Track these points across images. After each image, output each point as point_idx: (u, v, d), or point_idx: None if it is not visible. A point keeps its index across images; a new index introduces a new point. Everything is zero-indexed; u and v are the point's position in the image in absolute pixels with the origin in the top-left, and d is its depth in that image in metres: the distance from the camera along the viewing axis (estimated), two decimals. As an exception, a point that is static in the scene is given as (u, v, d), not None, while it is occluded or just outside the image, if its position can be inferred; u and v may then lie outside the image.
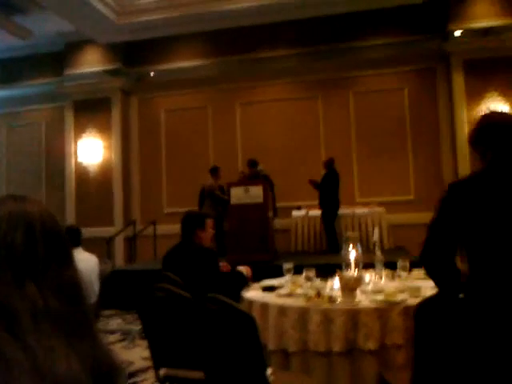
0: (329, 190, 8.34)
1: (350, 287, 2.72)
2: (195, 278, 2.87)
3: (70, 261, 0.89)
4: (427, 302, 2.16)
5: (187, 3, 8.27)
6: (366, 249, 6.30)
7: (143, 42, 9.65)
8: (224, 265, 3.49)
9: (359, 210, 9.02)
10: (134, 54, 10.11)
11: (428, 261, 1.87)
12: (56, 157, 10.61)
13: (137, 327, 5.80)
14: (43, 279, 0.81)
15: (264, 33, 9.36)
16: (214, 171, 8.80)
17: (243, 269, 3.43)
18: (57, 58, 10.26)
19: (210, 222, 3.37)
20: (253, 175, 8.26)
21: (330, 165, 8.55)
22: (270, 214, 7.61)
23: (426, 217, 7.88)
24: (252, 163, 8.46)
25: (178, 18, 8.46)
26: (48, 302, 0.79)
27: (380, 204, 9.10)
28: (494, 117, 2.00)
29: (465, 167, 8.80)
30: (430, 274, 1.91)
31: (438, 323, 1.93)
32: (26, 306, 0.76)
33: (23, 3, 8.62)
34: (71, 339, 0.78)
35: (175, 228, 9.90)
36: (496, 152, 1.84)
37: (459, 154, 8.89)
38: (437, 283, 1.91)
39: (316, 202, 9.34)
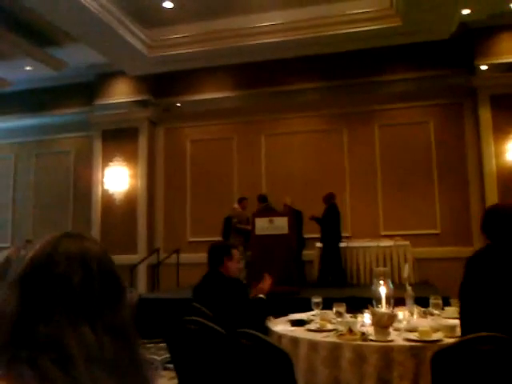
0: (330, 225, 8.39)
1: (383, 324, 2.67)
2: (225, 310, 2.85)
3: (123, 300, 0.89)
4: (446, 351, 2.12)
5: (216, 38, 8.45)
6: (392, 283, 6.20)
7: (171, 73, 9.88)
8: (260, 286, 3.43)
9: (384, 243, 8.91)
10: (162, 85, 10.35)
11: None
12: (83, 184, 10.79)
13: (160, 357, 5.74)
14: (98, 320, 0.81)
15: (290, 66, 9.50)
16: (241, 201, 8.93)
17: (263, 289, 3.36)
18: (87, 89, 10.56)
19: (236, 253, 3.36)
20: (262, 210, 8.35)
21: (329, 199, 8.63)
22: (295, 245, 7.56)
23: (451, 251, 7.69)
24: (262, 198, 8.62)
25: (206, 51, 8.64)
26: (102, 344, 0.78)
27: (405, 237, 8.99)
28: (496, 209, 2.49)
29: (493, 201, 8.66)
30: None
31: (457, 374, 2.04)
32: (81, 347, 0.76)
33: (57, 36, 8.94)
34: (123, 380, 0.78)
35: (198, 257, 9.95)
36: (495, 238, 2.37)
37: (487, 188, 8.77)
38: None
39: (342, 234, 9.33)
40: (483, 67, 8.77)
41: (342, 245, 8.98)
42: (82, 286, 0.82)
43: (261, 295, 3.33)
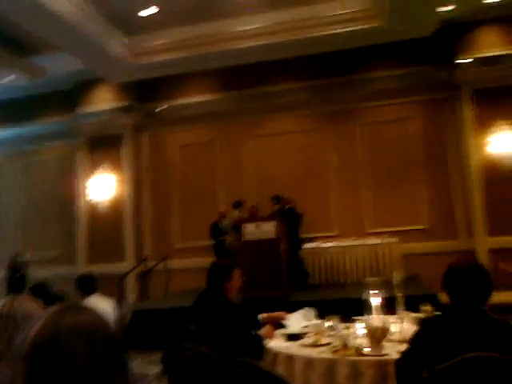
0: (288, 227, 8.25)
1: (376, 338, 2.70)
2: (218, 334, 2.84)
3: (127, 368, 0.90)
4: (442, 370, 2.16)
5: (197, 43, 8.43)
6: (381, 281, 6.26)
7: (154, 78, 9.81)
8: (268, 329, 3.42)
9: (372, 241, 8.98)
10: (145, 90, 10.28)
11: (401, 373, 2.31)
12: (68, 194, 10.64)
13: (153, 370, 5.72)
14: None
15: (272, 67, 9.50)
16: (239, 205, 8.82)
17: (265, 331, 3.34)
18: (69, 96, 10.44)
19: (237, 272, 3.26)
20: (278, 211, 8.35)
21: (287, 202, 8.62)
22: (283, 247, 7.56)
23: (439, 245, 7.86)
24: (275, 198, 8.59)
25: (188, 57, 8.62)
26: None
27: (392, 234, 9.07)
28: (452, 266, 2.33)
29: (477, 193, 8.80)
30: (399, 381, 2.32)
31: None
32: None
33: (36, 44, 8.83)
34: None
35: (187, 262, 9.93)
36: (452, 298, 2.27)
37: (470, 182, 8.90)
38: None
39: (328, 234, 9.41)
40: (465, 62, 8.87)
41: (330, 244, 9.07)
42: (88, 361, 0.83)
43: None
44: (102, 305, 4.16)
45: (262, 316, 3.66)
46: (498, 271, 7.79)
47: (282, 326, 3.63)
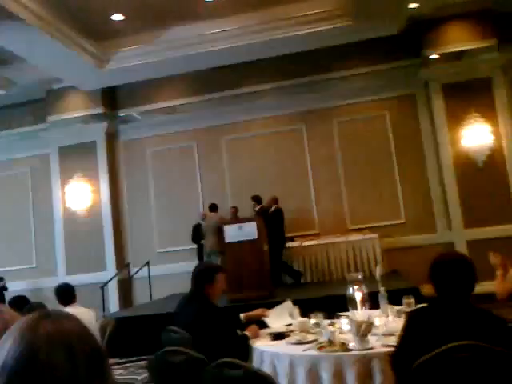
0: (274, 227, 8.34)
1: (361, 333, 2.71)
2: (203, 337, 2.82)
3: (108, 374, 0.89)
4: (425, 362, 2.18)
5: (167, 48, 8.35)
6: (364, 276, 6.30)
7: (125, 85, 9.74)
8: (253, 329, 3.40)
9: (353, 238, 9.05)
10: (118, 96, 10.19)
11: (396, 366, 2.35)
12: (44, 204, 10.46)
13: (140, 376, 5.68)
14: None
15: (246, 69, 9.50)
16: (215, 208, 8.84)
17: (250, 331, 3.33)
18: (40, 106, 10.26)
19: (220, 275, 3.24)
20: (258, 212, 8.43)
21: (275, 202, 8.76)
22: (265, 247, 7.56)
23: (417, 239, 7.96)
24: (256, 199, 8.71)
25: (159, 62, 8.54)
26: None
27: (372, 229, 9.15)
28: (438, 258, 2.38)
29: (452, 187, 8.95)
30: (396, 374, 2.36)
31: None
32: None
33: (4, 55, 8.65)
34: None
35: (169, 267, 9.86)
36: (438, 290, 2.30)
37: (445, 175, 9.06)
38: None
39: (310, 232, 9.45)
40: (433, 58, 9.02)
41: (313, 242, 9.11)
42: (68, 367, 0.81)
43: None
44: (81, 314, 4.09)
45: (242, 316, 3.65)
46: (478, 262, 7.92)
47: (265, 324, 3.62)
